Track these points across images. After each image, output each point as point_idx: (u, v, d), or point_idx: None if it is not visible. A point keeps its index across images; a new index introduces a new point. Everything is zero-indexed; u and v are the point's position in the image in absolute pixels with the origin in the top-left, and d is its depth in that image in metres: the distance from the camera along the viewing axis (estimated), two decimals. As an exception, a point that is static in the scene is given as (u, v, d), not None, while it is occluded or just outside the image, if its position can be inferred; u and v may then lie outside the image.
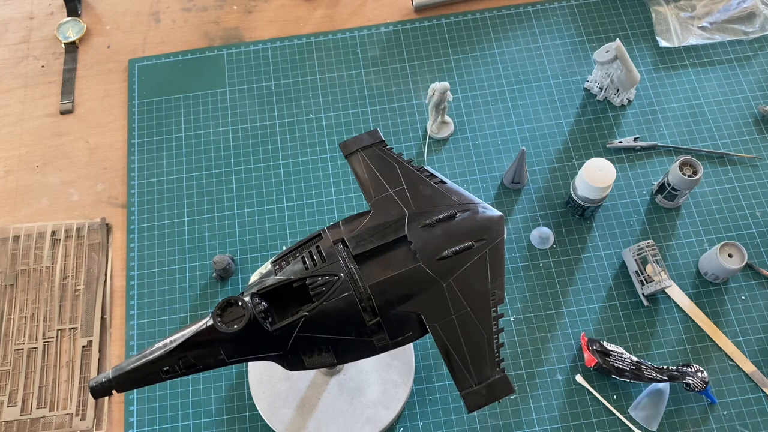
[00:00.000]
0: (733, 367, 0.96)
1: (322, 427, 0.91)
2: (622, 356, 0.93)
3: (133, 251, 1.05)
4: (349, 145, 0.78)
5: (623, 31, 1.21)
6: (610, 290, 1.01)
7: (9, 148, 1.15)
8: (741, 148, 1.11)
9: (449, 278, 0.68)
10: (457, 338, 0.67)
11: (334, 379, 0.93)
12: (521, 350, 0.98)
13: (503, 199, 1.08)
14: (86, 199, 1.10)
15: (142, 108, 1.17)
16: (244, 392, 0.96)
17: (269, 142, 1.14)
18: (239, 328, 0.61)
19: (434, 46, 1.21)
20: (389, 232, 0.69)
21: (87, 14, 1.27)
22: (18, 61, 1.22)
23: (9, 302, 1.03)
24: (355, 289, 0.66)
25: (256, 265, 1.05)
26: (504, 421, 0.94)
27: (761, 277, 1.01)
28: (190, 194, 1.10)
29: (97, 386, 0.64)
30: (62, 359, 0.99)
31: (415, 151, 1.13)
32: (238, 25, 1.25)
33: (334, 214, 1.08)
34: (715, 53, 1.19)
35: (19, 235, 1.07)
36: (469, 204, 0.72)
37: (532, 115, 1.15)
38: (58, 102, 1.18)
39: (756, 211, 1.06)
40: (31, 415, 0.95)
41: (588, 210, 1.02)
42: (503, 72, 1.18)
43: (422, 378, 0.96)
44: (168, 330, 1.00)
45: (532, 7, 1.24)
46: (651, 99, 1.15)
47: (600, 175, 0.97)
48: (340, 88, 1.18)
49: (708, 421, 0.93)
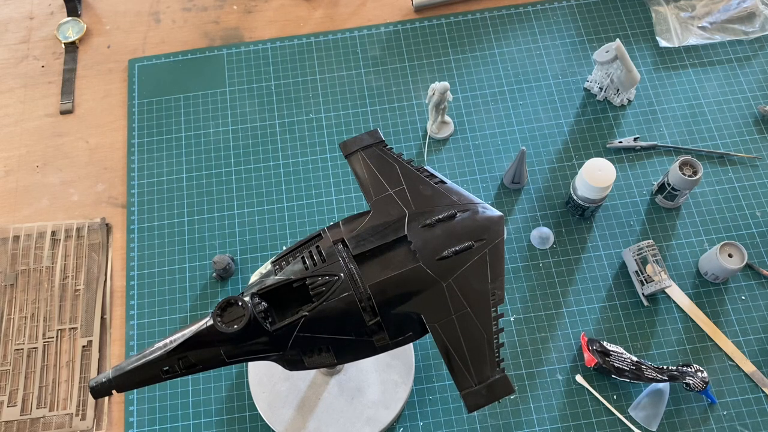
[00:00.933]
0: (733, 367, 0.96)
1: (322, 427, 0.91)
2: (622, 356, 0.93)
3: (133, 251, 1.05)
4: (349, 145, 0.78)
5: (623, 31, 1.21)
6: (610, 290, 1.01)
7: (9, 148, 1.15)
8: (741, 148, 1.11)
9: (449, 278, 0.68)
10: (457, 338, 0.67)
11: (334, 379, 0.93)
12: (521, 350, 0.98)
13: (503, 199, 1.08)
14: (86, 199, 1.10)
15: (142, 108, 1.17)
16: (244, 392, 0.96)
17: (269, 142, 1.14)
18: (239, 328, 0.61)
19: (434, 46, 1.21)
20: (389, 232, 0.69)
21: (87, 14, 1.27)
22: (18, 61, 1.22)
23: (9, 302, 1.03)
24: (355, 289, 0.66)
25: (256, 265, 1.05)
26: (504, 421, 0.94)
27: (761, 277, 1.01)
28: (190, 194, 1.10)
29: (97, 386, 0.64)
30: (62, 359, 0.99)
31: (415, 151, 1.13)
32: (238, 25, 1.25)
33: (334, 214, 1.08)
34: (715, 53, 1.19)
35: (19, 235, 1.07)
36: (469, 204, 0.72)
37: (532, 115, 1.15)
38: (58, 102, 1.18)
39: (756, 211, 1.06)
40: (31, 415, 0.95)
41: (588, 210, 1.02)
42: (503, 72, 1.18)
43: (422, 378, 0.96)
44: (168, 330, 1.00)
45: (532, 7, 1.24)
46: (651, 99, 1.15)
47: (600, 175, 0.97)
48: (340, 88, 1.18)
49: (708, 421, 0.93)
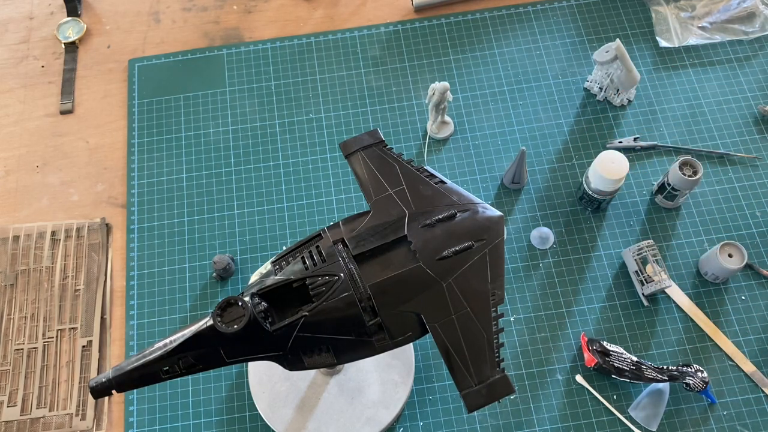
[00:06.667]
0: (733, 367, 0.96)
1: (322, 427, 0.91)
2: (622, 356, 0.93)
3: (133, 251, 1.05)
4: (349, 145, 0.78)
5: (623, 31, 1.21)
6: (610, 290, 1.01)
7: (9, 148, 1.15)
8: (741, 148, 1.11)
9: (449, 278, 0.68)
10: (457, 338, 0.67)
11: (334, 379, 0.93)
12: (521, 350, 0.98)
13: (503, 199, 1.08)
14: (86, 199, 1.10)
15: (142, 108, 1.17)
16: (244, 392, 0.96)
17: (269, 142, 1.14)
18: (239, 328, 0.61)
19: (434, 46, 1.21)
20: (389, 232, 0.69)
21: (87, 14, 1.27)
22: (18, 61, 1.22)
23: (9, 302, 1.03)
24: (355, 289, 0.66)
25: (256, 265, 1.05)
26: (504, 421, 0.94)
27: (761, 277, 1.01)
28: (190, 194, 1.10)
29: (97, 386, 0.64)
30: (62, 359, 0.99)
31: (415, 151, 1.13)
32: (238, 25, 1.25)
33: (334, 214, 1.08)
34: (715, 53, 1.19)
35: (19, 235, 1.07)
36: (469, 204, 0.72)
37: (532, 115, 1.15)
38: (58, 102, 1.18)
39: (756, 211, 1.06)
40: (31, 415, 0.95)
41: (603, 203, 1.02)
42: (503, 72, 1.18)
43: (422, 378, 0.96)
44: (168, 330, 1.00)
45: (532, 7, 1.24)
46: (651, 99, 1.15)
47: (613, 167, 0.97)
48: (340, 88, 1.18)
49: (708, 421, 0.93)
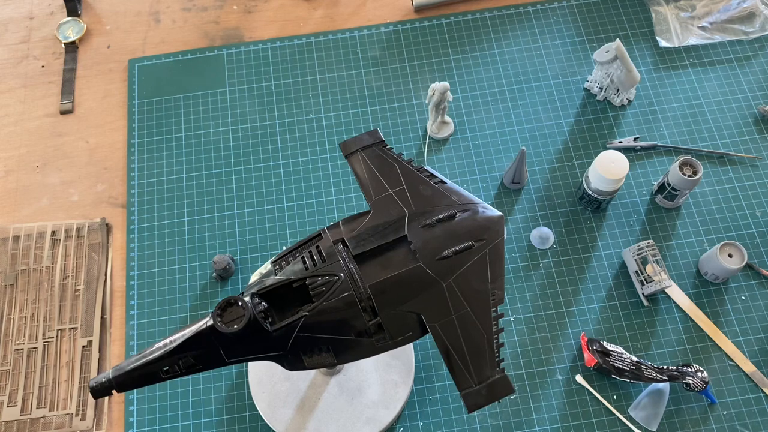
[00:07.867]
0: (733, 367, 0.96)
1: (322, 427, 0.91)
2: (622, 356, 0.93)
3: (133, 251, 1.05)
4: (349, 145, 0.78)
5: (623, 31, 1.21)
6: (610, 290, 1.01)
7: (9, 148, 1.15)
8: (741, 148, 1.11)
9: (449, 278, 0.68)
10: (457, 338, 0.67)
11: (334, 379, 0.93)
12: (521, 350, 0.98)
13: (503, 199, 1.08)
14: (86, 199, 1.10)
15: (142, 108, 1.17)
16: (244, 392, 0.96)
17: (269, 142, 1.14)
18: (239, 328, 0.61)
19: (434, 46, 1.21)
20: (389, 232, 0.69)
21: (87, 14, 1.27)
22: (18, 61, 1.22)
23: (9, 302, 1.03)
24: (355, 289, 0.66)
25: (256, 265, 1.05)
26: (504, 421, 0.94)
27: (761, 277, 1.01)
28: (190, 194, 1.10)
29: (97, 386, 0.64)
30: (62, 359, 0.99)
31: (415, 151, 1.13)
32: (238, 25, 1.25)
33: (334, 214, 1.08)
34: (715, 53, 1.19)
35: (19, 235, 1.07)
36: (469, 204, 0.72)
37: (532, 115, 1.15)
38: (58, 102, 1.18)
39: (756, 211, 1.06)
40: (31, 415, 0.95)
41: (603, 203, 1.02)
42: (503, 72, 1.18)
43: (422, 378, 0.96)
44: (168, 330, 1.00)
45: (532, 7, 1.24)
46: (651, 99, 1.15)
47: (613, 167, 0.97)
48: (340, 88, 1.18)
49: (708, 421, 0.93)
